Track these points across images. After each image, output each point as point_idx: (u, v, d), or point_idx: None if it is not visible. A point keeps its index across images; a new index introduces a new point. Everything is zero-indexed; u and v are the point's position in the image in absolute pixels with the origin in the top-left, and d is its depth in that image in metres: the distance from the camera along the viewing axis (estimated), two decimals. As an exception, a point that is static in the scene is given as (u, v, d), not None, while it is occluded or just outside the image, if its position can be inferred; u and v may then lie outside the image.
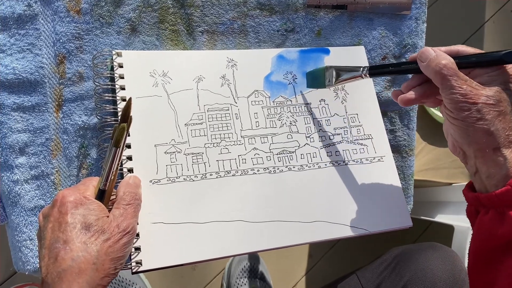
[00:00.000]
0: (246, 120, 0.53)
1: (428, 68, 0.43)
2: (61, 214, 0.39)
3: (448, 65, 0.41)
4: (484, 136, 0.41)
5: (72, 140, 0.50)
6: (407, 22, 0.62)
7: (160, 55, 0.52)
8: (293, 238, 0.50)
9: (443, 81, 0.42)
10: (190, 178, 0.49)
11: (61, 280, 0.37)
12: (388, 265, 0.62)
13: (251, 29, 0.57)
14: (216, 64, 0.54)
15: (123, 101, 0.49)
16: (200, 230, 0.48)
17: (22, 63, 0.48)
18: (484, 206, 0.43)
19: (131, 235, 0.41)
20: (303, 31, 0.59)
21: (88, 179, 0.44)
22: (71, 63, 0.50)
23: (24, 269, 0.50)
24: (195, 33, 0.55)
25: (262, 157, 0.52)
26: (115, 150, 0.42)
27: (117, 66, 0.50)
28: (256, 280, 1.02)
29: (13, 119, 0.48)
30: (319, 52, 0.58)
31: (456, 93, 0.41)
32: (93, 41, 0.51)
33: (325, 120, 0.56)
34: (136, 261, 0.45)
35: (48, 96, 0.49)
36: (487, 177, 0.42)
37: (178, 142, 0.50)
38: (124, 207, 0.42)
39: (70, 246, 0.38)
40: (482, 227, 0.43)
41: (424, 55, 0.43)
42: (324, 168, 0.54)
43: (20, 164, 0.49)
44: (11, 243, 0.51)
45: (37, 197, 0.49)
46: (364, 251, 1.13)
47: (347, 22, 0.60)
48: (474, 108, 0.40)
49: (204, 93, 0.52)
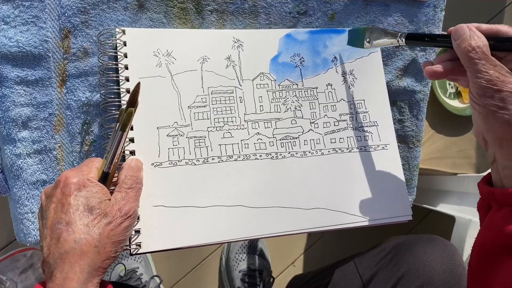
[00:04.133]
0: (250, 103, 0.52)
1: (459, 47, 0.41)
2: (64, 195, 0.39)
3: (478, 47, 0.39)
4: (504, 126, 0.39)
5: (75, 116, 0.50)
6: (425, 9, 0.60)
7: (164, 33, 0.51)
8: (293, 225, 0.50)
9: (470, 64, 0.40)
10: (192, 162, 0.49)
11: (63, 261, 0.37)
12: (386, 255, 0.62)
13: (262, 9, 0.55)
14: (222, 44, 0.52)
15: (127, 80, 0.48)
16: (200, 214, 0.48)
17: (26, 36, 0.47)
18: (497, 202, 0.41)
19: (132, 219, 0.41)
20: (316, 14, 0.57)
21: (90, 160, 0.44)
22: (76, 38, 0.49)
23: (26, 241, 0.50)
24: (204, 12, 0.53)
25: (265, 142, 0.52)
26: (121, 134, 0.42)
27: (121, 45, 0.49)
28: (255, 256, 1.04)
29: (16, 92, 0.48)
30: (331, 33, 0.57)
31: (481, 77, 0.39)
32: (99, 16, 0.50)
33: (331, 105, 0.55)
34: (136, 243, 0.46)
35: (52, 71, 0.49)
36: (504, 168, 0.41)
37: (181, 125, 0.50)
38: (126, 191, 0.42)
39: (73, 228, 0.38)
40: (492, 224, 0.42)
41: (458, 33, 0.41)
42: (327, 155, 0.53)
43: (23, 138, 0.48)
44: (13, 215, 0.51)
45: (39, 171, 0.49)
46: (362, 235, 1.13)
47: (363, 7, 0.58)
48: (498, 96, 0.38)
49: (208, 74, 0.51)
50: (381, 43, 0.51)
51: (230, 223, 0.49)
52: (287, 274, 1.13)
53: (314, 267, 0.82)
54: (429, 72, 0.44)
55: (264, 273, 1.01)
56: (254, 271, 1.00)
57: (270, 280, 1.01)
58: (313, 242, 1.17)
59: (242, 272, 1.00)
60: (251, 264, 1.01)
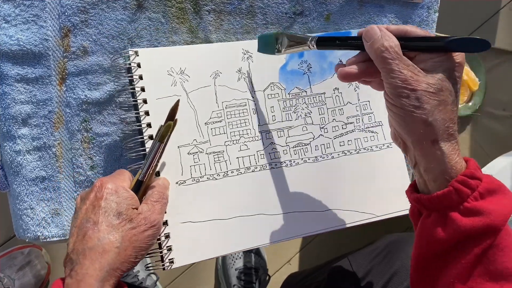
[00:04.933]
0: (262, 114, 0.54)
1: (371, 48, 0.40)
2: (96, 198, 0.42)
3: (391, 47, 0.38)
4: (421, 126, 0.38)
5: (74, 113, 0.51)
6: (419, 11, 0.61)
7: (175, 51, 0.52)
8: (310, 227, 0.53)
9: (384, 64, 0.39)
10: (213, 177, 0.51)
11: (85, 257, 0.39)
12: (380, 252, 0.63)
13: (259, 10, 0.56)
14: (232, 57, 0.54)
15: (144, 103, 0.49)
16: (224, 226, 0.51)
17: (26, 34, 0.48)
18: (426, 208, 0.41)
19: (156, 229, 0.43)
20: (312, 14, 0.58)
21: (122, 170, 0.47)
22: (75, 37, 0.50)
23: (25, 236, 0.51)
24: (201, 12, 0.54)
25: (279, 151, 0.54)
26: (159, 144, 0.45)
27: (136, 67, 0.50)
28: (251, 254, 1.05)
29: (16, 90, 0.49)
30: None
31: (396, 77, 0.38)
32: (99, 15, 0.50)
33: (338, 109, 0.57)
34: (169, 259, 0.48)
35: (52, 69, 0.49)
36: (425, 170, 0.40)
37: (200, 142, 0.51)
38: (152, 203, 0.44)
39: (99, 227, 0.40)
40: (424, 231, 0.41)
41: (369, 34, 0.40)
42: (337, 158, 0.56)
43: (23, 135, 0.49)
44: (13, 211, 0.52)
45: (38, 168, 0.50)
46: (357, 234, 1.14)
47: (358, 8, 0.59)
48: (413, 95, 0.38)
49: (221, 89, 0.53)
50: (291, 49, 0.49)
51: (252, 231, 0.51)
52: (283, 272, 1.13)
53: (310, 266, 0.83)
54: (342, 74, 0.43)
55: (260, 271, 1.02)
56: (250, 269, 1.01)
57: (266, 278, 1.02)
58: (309, 241, 1.18)
59: (238, 270, 1.01)
60: (247, 262, 1.02)
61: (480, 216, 0.38)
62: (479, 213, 0.38)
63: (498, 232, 0.38)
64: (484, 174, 0.40)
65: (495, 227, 0.38)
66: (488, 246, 0.38)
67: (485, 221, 0.38)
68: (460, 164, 0.39)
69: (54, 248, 1.01)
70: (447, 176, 0.39)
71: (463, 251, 0.39)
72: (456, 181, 0.38)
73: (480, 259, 0.38)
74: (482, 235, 0.38)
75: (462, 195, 0.38)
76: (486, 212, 0.38)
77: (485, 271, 0.38)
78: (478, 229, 0.38)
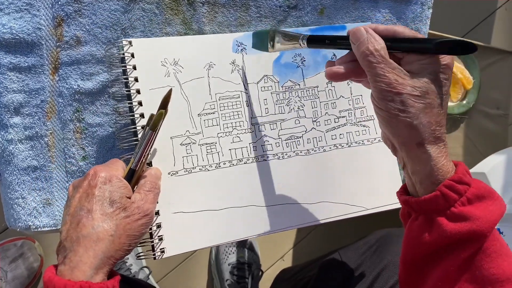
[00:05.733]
0: (256, 107, 0.54)
1: (357, 51, 0.39)
2: (90, 186, 0.42)
3: (376, 51, 0.38)
4: (407, 129, 0.38)
5: (67, 103, 0.51)
6: (413, 6, 0.61)
7: (169, 41, 0.52)
8: (301, 219, 0.54)
9: (369, 67, 0.39)
10: (205, 168, 0.51)
11: (79, 244, 0.39)
12: (370, 247, 0.64)
13: (253, 3, 0.56)
14: (226, 49, 0.54)
15: (138, 93, 0.49)
16: (216, 217, 0.51)
17: (19, 23, 0.48)
18: (414, 210, 0.41)
19: (149, 218, 0.44)
20: (306, 8, 0.58)
21: (116, 160, 0.47)
22: (69, 27, 0.50)
23: (16, 226, 0.51)
24: (195, 4, 0.54)
25: (271, 143, 0.54)
26: (151, 133, 0.45)
27: (129, 57, 0.50)
28: (245, 249, 1.05)
29: (9, 78, 0.48)
30: (330, 30, 0.58)
31: (381, 81, 0.38)
32: (92, 6, 0.50)
33: (331, 103, 0.57)
34: (160, 249, 0.48)
35: (45, 58, 0.49)
36: (412, 173, 0.40)
37: (193, 133, 0.51)
38: (145, 193, 0.44)
39: (93, 215, 0.40)
40: (411, 233, 0.41)
41: (356, 36, 0.40)
42: (328, 152, 0.56)
43: (15, 124, 0.49)
44: (4, 200, 0.52)
45: (30, 158, 0.50)
46: (349, 230, 1.15)
47: (352, 3, 0.59)
48: (398, 99, 0.38)
49: (215, 81, 0.53)
50: (283, 47, 0.50)
51: (244, 222, 0.52)
52: (276, 268, 1.14)
53: (302, 262, 0.84)
54: (329, 74, 0.43)
55: (253, 267, 1.02)
56: (243, 264, 1.01)
57: (259, 273, 1.02)
58: (302, 237, 1.18)
59: (231, 265, 1.01)
60: (241, 257, 1.03)
61: (466, 221, 0.38)
62: (465, 219, 0.38)
63: (484, 238, 0.38)
64: (474, 179, 0.40)
65: (481, 233, 0.38)
66: (475, 251, 0.38)
67: (471, 227, 0.38)
68: (447, 167, 0.39)
69: (47, 240, 1.01)
70: (433, 179, 0.39)
71: (450, 256, 0.39)
72: (443, 185, 0.38)
73: (467, 264, 0.38)
74: (468, 240, 0.38)
75: (449, 200, 0.38)
76: (473, 218, 0.38)
77: (472, 277, 0.38)
78: (463, 235, 0.38)
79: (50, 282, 0.37)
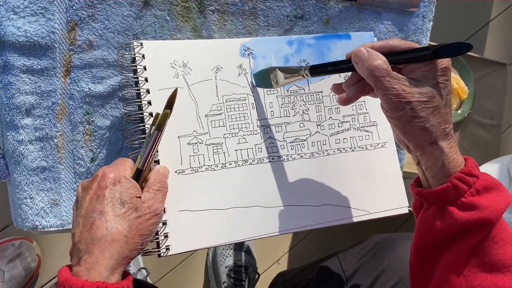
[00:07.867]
0: (261, 109, 0.55)
1: (362, 69, 0.42)
2: (100, 188, 0.42)
3: (379, 66, 0.41)
4: (420, 132, 0.42)
5: (77, 106, 0.52)
6: (414, 19, 0.63)
7: (179, 44, 0.53)
8: (304, 221, 0.55)
9: (376, 82, 0.41)
10: (211, 168, 0.52)
11: (94, 246, 0.40)
12: (368, 251, 0.65)
13: (261, 12, 0.58)
14: (233, 53, 0.55)
15: (147, 93, 0.50)
16: (221, 216, 0.52)
17: (34, 26, 0.49)
18: (427, 201, 0.44)
19: (159, 217, 0.44)
20: (312, 18, 0.60)
21: (123, 159, 0.47)
22: (82, 31, 0.51)
23: (23, 226, 0.52)
24: (206, 12, 0.55)
25: (276, 146, 0.55)
26: (157, 133, 0.45)
27: (140, 58, 0.51)
28: (242, 252, 1.06)
29: (21, 80, 0.49)
30: (335, 38, 0.59)
31: (389, 93, 0.41)
32: (106, 11, 0.52)
33: (335, 108, 0.59)
34: (166, 246, 0.49)
35: (57, 61, 0.50)
36: (426, 168, 0.44)
37: (200, 133, 0.52)
38: (154, 192, 0.45)
39: (106, 217, 0.41)
40: (424, 222, 0.44)
41: (358, 56, 0.43)
42: (332, 155, 0.57)
43: (26, 125, 0.50)
44: (12, 200, 0.52)
45: (39, 158, 0.51)
46: (346, 234, 1.16)
47: (356, 14, 0.61)
48: (408, 107, 0.41)
49: (222, 83, 0.54)
50: (287, 81, 0.52)
51: (248, 223, 0.53)
52: (272, 271, 1.15)
53: (298, 266, 0.85)
54: (343, 101, 0.47)
55: (249, 269, 1.03)
56: (240, 267, 1.02)
57: (256, 276, 1.03)
58: (298, 241, 1.19)
59: (228, 268, 1.02)
60: (238, 260, 1.04)
61: (475, 210, 0.41)
62: (474, 208, 0.41)
63: (492, 225, 0.41)
64: (482, 172, 0.43)
65: (489, 220, 0.41)
66: (483, 238, 0.41)
67: (480, 215, 0.41)
68: (457, 161, 0.43)
69: (45, 240, 1.01)
70: (445, 172, 0.42)
71: (460, 242, 0.42)
72: (454, 177, 0.41)
73: (476, 250, 0.41)
74: (477, 227, 0.41)
75: (459, 190, 0.41)
76: (482, 207, 0.41)
77: (480, 262, 0.41)
78: (473, 222, 0.41)
79: (68, 282, 0.38)
